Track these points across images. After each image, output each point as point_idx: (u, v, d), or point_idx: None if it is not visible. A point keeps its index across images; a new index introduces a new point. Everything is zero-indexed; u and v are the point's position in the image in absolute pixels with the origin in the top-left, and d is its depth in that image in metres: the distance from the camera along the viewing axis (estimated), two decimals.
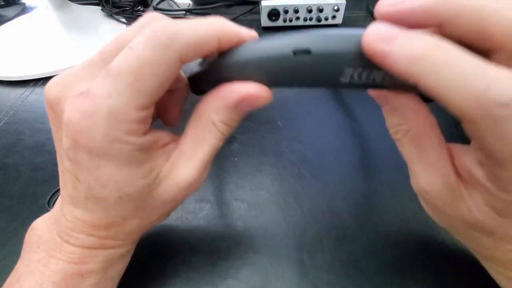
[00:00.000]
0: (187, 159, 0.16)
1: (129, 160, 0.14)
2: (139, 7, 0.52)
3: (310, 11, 0.46)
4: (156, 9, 0.54)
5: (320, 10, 0.46)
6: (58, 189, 0.16)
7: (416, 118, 0.14)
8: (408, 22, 0.12)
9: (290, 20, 0.47)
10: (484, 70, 0.10)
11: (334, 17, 0.47)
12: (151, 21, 0.15)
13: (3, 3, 0.56)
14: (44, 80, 0.39)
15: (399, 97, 0.14)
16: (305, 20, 0.47)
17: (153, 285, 0.20)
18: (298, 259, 0.21)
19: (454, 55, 0.11)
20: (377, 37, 0.12)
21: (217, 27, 0.14)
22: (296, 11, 0.46)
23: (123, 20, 0.49)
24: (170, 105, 0.19)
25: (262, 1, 0.46)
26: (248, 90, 0.14)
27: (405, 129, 0.15)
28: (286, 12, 0.46)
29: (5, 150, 0.30)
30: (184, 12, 0.53)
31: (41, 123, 0.33)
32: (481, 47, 0.12)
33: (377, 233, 0.22)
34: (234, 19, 0.51)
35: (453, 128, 0.20)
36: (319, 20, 0.47)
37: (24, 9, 0.56)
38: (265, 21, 0.47)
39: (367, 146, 0.29)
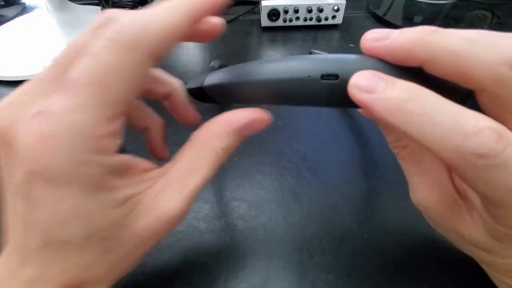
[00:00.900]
0: (177, 188, 0.14)
1: (99, 186, 0.12)
2: (139, 7, 0.52)
3: (310, 11, 0.46)
4: None
5: (320, 10, 0.46)
6: None
7: None
8: (392, 59, 0.13)
9: (290, 20, 0.47)
10: (460, 121, 0.10)
11: (334, 17, 0.47)
12: (109, 20, 0.12)
13: (3, 3, 0.56)
14: None
15: None
16: (305, 20, 0.47)
17: (153, 284, 0.20)
18: (297, 259, 0.21)
19: (430, 107, 0.11)
20: (359, 88, 0.12)
21: (188, 5, 0.13)
22: (296, 11, 0.46)
23: None
24: (152, 139, 0.19)
25: (262, 1, 0.46)
26: (254, 115, 0.14)
27: (402, 144, 0.15)
28: (286, 12, 0.46)
29: None
30: None
31: None
32: (466, 86, 0.12)
33: (376, 232, 0.22)
34: (234, 19, 0.51)
35: None
36: (319, 20, 0.47)
37: (24, 9, 0.56)
38: (265, 21, 0.47)
39: (367, 146, 0.29)
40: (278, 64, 0.14)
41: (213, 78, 0.18)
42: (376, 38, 0.13)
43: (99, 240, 0.12)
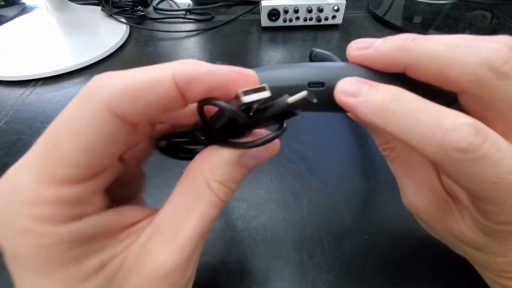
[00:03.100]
0: (167, 237, 0.11)
1: (55, 260, 0.10)
2: (139, 7, 0.52)
3: (310, 11, 0.46)
4: (156, 9, 0.54)
5: (320, 10, 0.46)
6: None
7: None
8: (376, 66, 0.14)
9: (290, 20, 0.47)
10: (441, 119, 0.11)
11: (334, 17, 0.47)
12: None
13: (3, 3, 0.56)
14: (44, 80, 0.39)
15: None
16: (305, 20, 0.47)
17: None
18: (297, 259, 0.21)
19: (412, 106, 0.11)
20: (345, 92, 0.13)
21: (173, 67, 0.10)
22: (296, 11, 0.46)
23: (123, 20, 0.49)
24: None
25: (262, 1, 0.46)
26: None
27: (391, 147, 0.16)
28: (286, 12, 0.46)
29: (5, 149, 0.30)
30: (184, 12, 0.53)
31: (41, 123, 0.33)
32: (448, 89, 0.12)
33: (376, 232, 0.22)
34: (234, 19, 0.51)
35: None
36: (319, 20, 0.47)
37: (24, 9, 0.56)
38: (265, 21, 0.47)
39: (367, 146, 0.29)
40: (269, 72, 0.15)
41: None
42: (360, 47, 0.14)
43: None
